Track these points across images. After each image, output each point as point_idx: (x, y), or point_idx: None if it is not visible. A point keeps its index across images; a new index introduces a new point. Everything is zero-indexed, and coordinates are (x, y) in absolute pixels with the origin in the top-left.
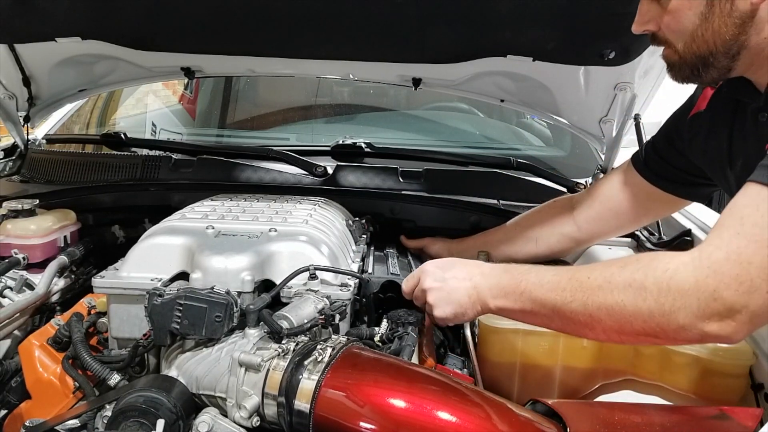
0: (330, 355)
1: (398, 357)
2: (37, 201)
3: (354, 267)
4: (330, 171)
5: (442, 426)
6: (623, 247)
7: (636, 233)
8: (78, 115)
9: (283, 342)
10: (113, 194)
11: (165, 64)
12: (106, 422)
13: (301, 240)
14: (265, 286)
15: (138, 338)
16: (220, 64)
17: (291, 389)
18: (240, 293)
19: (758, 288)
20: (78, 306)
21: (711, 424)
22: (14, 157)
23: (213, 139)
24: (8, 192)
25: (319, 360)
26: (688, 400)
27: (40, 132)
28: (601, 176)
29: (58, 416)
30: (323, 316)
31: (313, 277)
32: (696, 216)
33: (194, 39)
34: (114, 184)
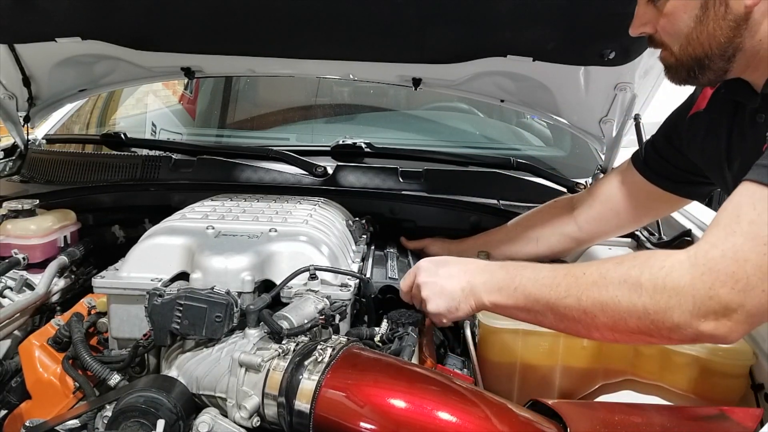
0: (330, 356)
1: (398, 357)
2: (37, 201)
3: (354, 267)
4: (330, 171)
5: (442, 426)
6: (623, 248)
7: (636, 233)
8: (78, 115)
9: (284, 342)
10: (113, 194)
11: (165, 64)
12: (107, 422)
13: (301, 240)
14: (265, 287)
15: (138, 338)
16: (220, 64)
17: (291, 389)
18: (240, 293)
19: (754, 286)
20: (78, 306)
21: (711, 424)
22: (14, 157)
23: (213, 139)
24: (8, 192)
25: (320, 360)
26: (688, 400)
27: (40, 132)
28: (601, 176)
29: (58, 416)
30: (323, 317)
31: (313, 278)
32: (696, 216)
33: (194, 39)
34: (114, 184)
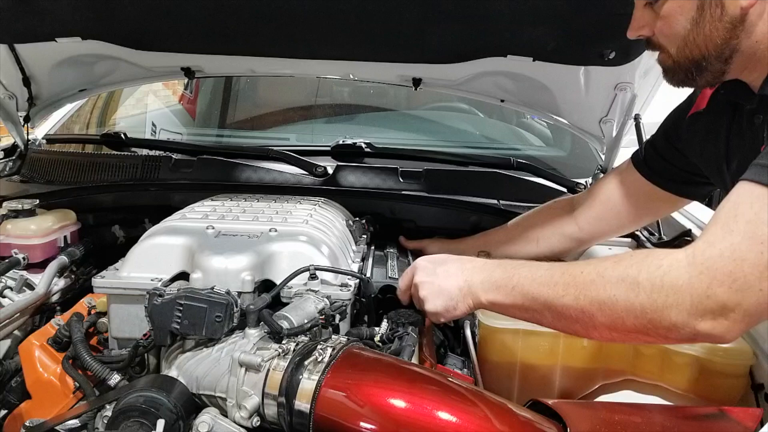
0: (330, 355)
1: (398, 357)
2: (37, 201)
3: (354, 267)
4: (330, 171)
5: (443, 426)
6: (623, 248)
7: (636, 233)
8: (78, 115)
9: (284, 342)
10: (113, 194)
11: (165, 64)
12: (107, 422)
13: (302, 240)
14: (266, 286)
15: (138, 338)
16: (221, 64)
17: (291, 389)
18: (240, 293)
19: (752, 285)
20: (78, 306)
21: (711, 424)
22: (14, 157)
23: (213, 139)
24: (8, 192)
25: (320, 360)
26: (688, 400)
27: (40, 132)
28: (602, 176)
29: (58, 416)
30: (323, 316)
31: (314, 277)
32: (696, 216)
33: (194, 39)
34: (114, 184)
